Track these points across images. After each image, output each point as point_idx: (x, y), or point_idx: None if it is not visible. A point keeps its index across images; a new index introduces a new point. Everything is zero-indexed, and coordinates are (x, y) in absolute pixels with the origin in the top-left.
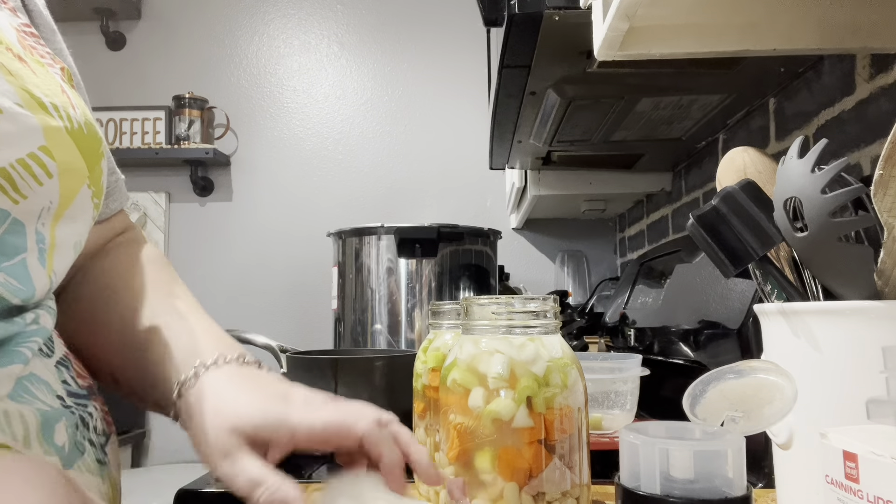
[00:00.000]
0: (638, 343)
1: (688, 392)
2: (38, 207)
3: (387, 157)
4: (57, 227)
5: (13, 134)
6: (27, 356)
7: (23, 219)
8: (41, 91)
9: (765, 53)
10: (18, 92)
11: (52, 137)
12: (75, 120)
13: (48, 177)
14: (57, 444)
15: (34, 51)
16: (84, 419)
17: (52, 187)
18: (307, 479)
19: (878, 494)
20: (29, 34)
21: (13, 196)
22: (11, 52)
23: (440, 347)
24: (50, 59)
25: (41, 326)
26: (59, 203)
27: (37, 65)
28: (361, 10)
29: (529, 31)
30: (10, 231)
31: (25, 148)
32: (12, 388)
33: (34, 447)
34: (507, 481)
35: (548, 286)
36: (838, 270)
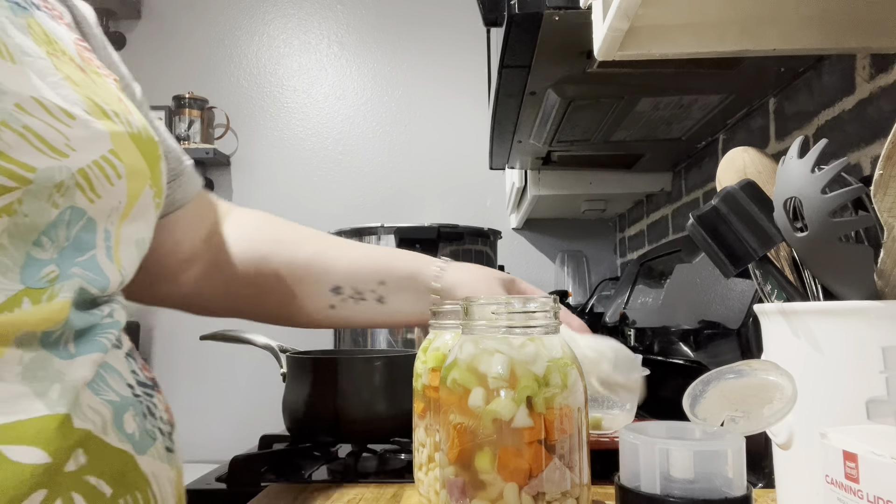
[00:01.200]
0: (638, 343)
1: (688, 392)
2: (109, 207)
3: (387, 156)
4: (122, 226)
5: (86, 139)
6: (106, 346)
7: (95, 217)
8: (102, 99)
9: (765, 53)
10: (85, 100)
11: (118, 142)
12: (135, 125)
13: (118, 178)
14: (128, 432)
15: (91, 62)
16: (150, 409)
17: (121, 188)
18: (307, 479)
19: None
20: (84, 48)
21: (90, 195)
22: (74, 62)
23: (440, 347)
24: (104, 70)
25: (115, 320)
26: (126, 203)
27: (95, 75)
28: (361, 10)
29: (529, 31)
30: (84, 229)
31: (98, 151)
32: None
33: (110, 434)
34: (507, 481)
35: (548, 286)
36: (838, 270)
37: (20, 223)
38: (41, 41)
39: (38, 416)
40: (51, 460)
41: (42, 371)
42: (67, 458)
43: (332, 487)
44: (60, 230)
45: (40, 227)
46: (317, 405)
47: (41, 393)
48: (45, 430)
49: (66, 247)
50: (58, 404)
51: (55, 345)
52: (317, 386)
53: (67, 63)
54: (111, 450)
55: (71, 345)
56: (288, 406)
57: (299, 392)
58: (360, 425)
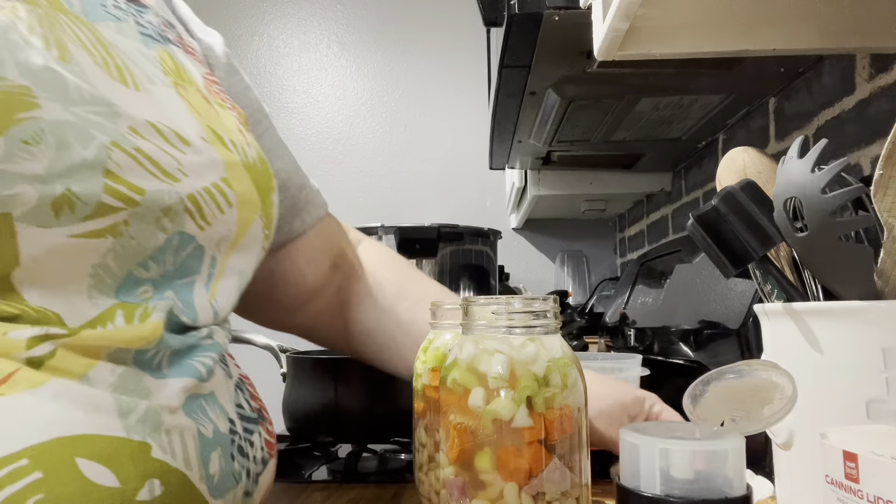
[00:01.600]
0: (638, 343)
1: (688, 392)
2: (219, 235)
3: (387, 156)
4: (229, 256)
5: (199, 165)
6: (201, 372)
7: (204, 244)
8: (222, 129)
9: (765, 53)
10: (204, 128)
11: (231, 170)
12: (250, 156)
13: (228, 206)
14: (210, 472)
15: (217, 95)
16: (242, 448)
17: (232, 217)
18: (307, 479)
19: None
20: (212, 81)
21: (199, 222)
22: (200, 93)
23: (440, 347)
24: (229, 104)
25: (215, 342)
26: (237, 232)
27: (219, 107)
28: (361, 10)
29: (529, 31)
30: (191, 255)
31: (210, 178)
32: (184, 402)
33: (193, 469)
34: (507, 481)
35: (548, 286)
36: (838, 270)
37: (127, 245)
38: (170, 72)
39: (115, 436)
40: (119, 486)
41: (132, 385)
42: (140, 486)
43: (332, 487)
44: (168, 255)
45: (147, 252)
46: (317, 405)
47: (124, 412)
48: (118, 454)
49: (170, 270)
50: (135, 430)
51: (148, 364)
52: (317, 386)
53: (193, 93)
54: (190, 487)
55: (165, 366)
56: (288, 406)
57: (299, 392)
58: (360, 425)
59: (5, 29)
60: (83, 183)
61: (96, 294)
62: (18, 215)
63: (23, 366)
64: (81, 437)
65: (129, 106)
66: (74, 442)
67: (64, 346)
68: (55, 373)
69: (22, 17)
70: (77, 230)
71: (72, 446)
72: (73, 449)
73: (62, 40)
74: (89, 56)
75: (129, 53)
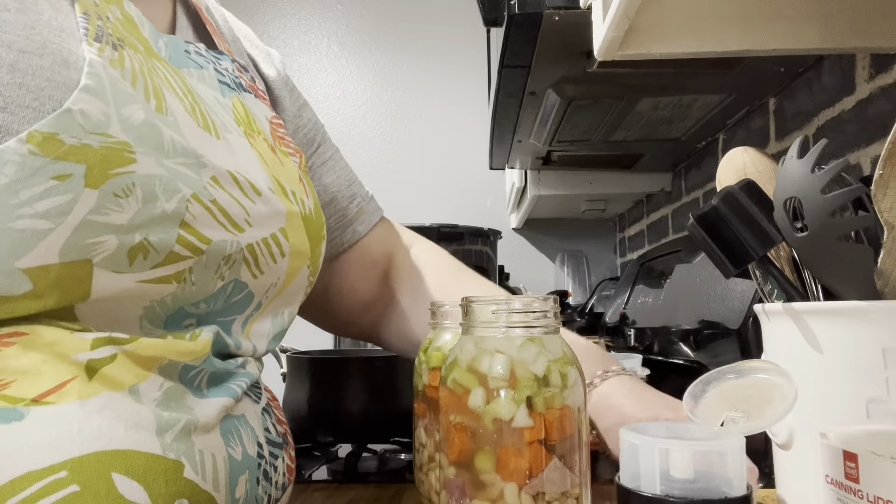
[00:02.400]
0: (638, 343)
1: (688, 392)
2: (268, 283)
3: (387, 156)
4: (274, 300)
5: (265, 215)
6: (237, 392)
7: (255, 291)
8: (285, 179)
9: (765, 53)
10: (271, 179)
11: (290, 220)
12: (308, 206)
13: (282, 256)
14: (235, 497)
15: (282, 141)
16: (267, 473)
17: (283, 266)
18: (307, 479)
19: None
20: (277, 125)
21: (254, 271)
22: (267, 143)
23: (440, 347)
24: (292, 149)
25: (248, 371)
26: (284, 280)
27: (283, 155)
28: (361, 10)
29: (529, 31)
30: (241, 301)
31: (270, 228)
32: (223, 421)
33: (221, 492)
34: (507, 481)
35: (548, 286)
36: (838, 270)
37: (187, 289)
38: (241, 121)
39: (152, 453)
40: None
41: (175, 402)
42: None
43: (332, 487)
44: (220, 299)
45: (203, 296)
46: (317, 405)
47: (162, 430)
48: (152, 471)
49: (216, 310)
50: (170, 448)
51: (191, 382)
52: (317, 386)
53: (261, 142)
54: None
55: (205, 386)
56: (288, 406)
57: (299, 392)
58: (360, 425)
59: (114, 82)
60: (160, 233)
61: (147, 324)
62: (97, 261)
63: (79, 373)
64: (120, 452)
65: (213, 155)
66: (113, 457)
67: (124, 352)
68: (105, 384)
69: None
70: (146, 276)
71: (110, 461)
72: (111, 464)
73: (159, 88)
74: (181, 104)
75: (208, 101)
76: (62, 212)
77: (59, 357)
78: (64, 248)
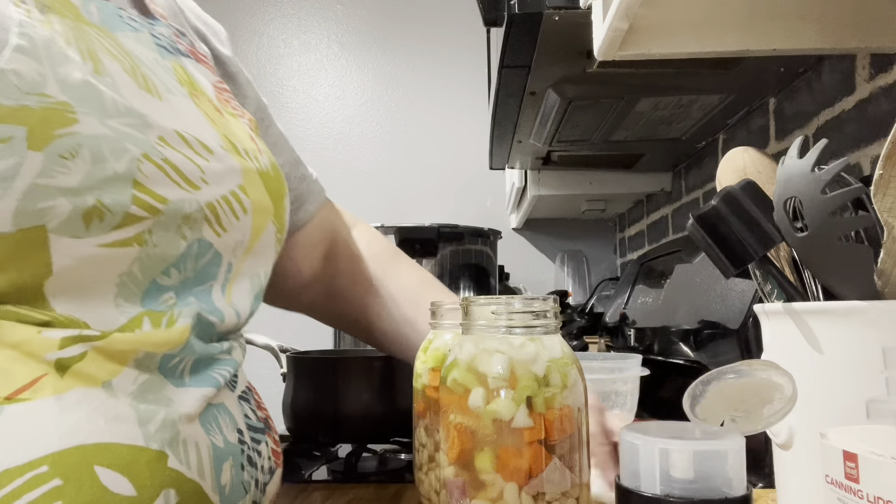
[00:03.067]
0: (638, 343)
1: (688, 392)
2: (234, 241)
3: (387, 156)
4: (244, 261)
5: (221, 172)
6: (220, 382)
7: (221, 251)
8: (236, 138)
9: (765, 53)
10: (220, 137)
11: (247, 178)
12: (263, 163)
13: (244, 213)
14: (221, 483)
15: (227, 104)
16: (251, 458)
17: (246, 223)
18: (307, 479)
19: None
20: (222, 89)
21: (217, 229)
22: (212, 104)
23: (440, 347)
24: (240, 111)
25: (232, 358)
26: (250, 238)
27: (230, 116)
28: (361, 10)
29: (529, 31)
30: (210, 262)
31: (228, 186)
32: (203, 411)
33: (207, 479)
34: (507, 481)
35: (548, 286)
36: (838, 270)
37: (151, 253)
38: (184, 82)
39: (135, 444)
40: (135, 494)
41: (152, 394)
42: (155, 495)
43: (332, 487)
44: (189, 262)
45: (170, 259)
46: (317, 405)
47: (143, 421)
48: (135, 463)
49: (189, 278)
50: (153, 439)
51: (172, 371)
52: (317, 386)
53: (206, 103)
54: (203, 497)
55: (187, 374)
56: (288, 406)
57: (299, 392)
58: (360, 425)
59: (46, 43)
60: (113, 194)
61: (123, 302)
62: (52, 227)
63: (50, 370)
64: (101, 445)
65: (158, 116)
66: (94, 450)
67: (95, 349)
68: (79, 379)
69: (58, 31)
70: (105, 240)
71: (92, 454)
72: (92, 457)
73: (94, 51)
74: (119, 65)
75: (148, 63)
76: (7, 176)
77: (29, 355)
78: (16, 215)
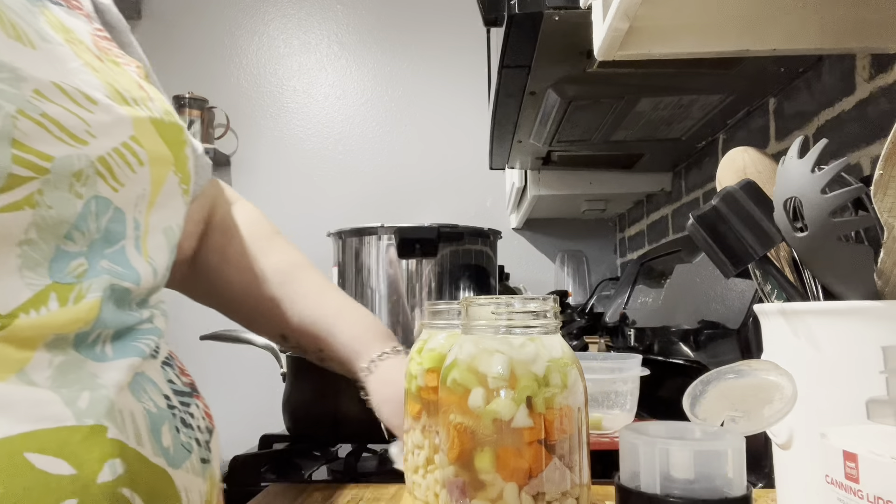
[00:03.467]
0: (638, 343)
1: (688, 392)
2: (134, 195)
3: (387, 156)
4: (150, 215)
5: (109, 124)
6: (145, 351)
7: (123, 207)
8: (122, 86)
9: (765, 53)
10: (105, 86)
11: (139, 127)
12: (156, 111)
13: (140, 165)
14: (164, 446)
15: (108, 52)
16: (186, 420)
17: (145, 175)
18: (307, 479)
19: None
20: (102, 37)
21: (112, 184)
22: (91, 52)
23: (435, 348)
24: (125, 59)
25: (155, 326)
26: (151, 191)
27: (113, 64)
28: (361, 10)
29: (529, 31)
30: (113, 220)
31: (119, 137)
32: (132, 380)
33: (146, 446)
34: (507, 481)
35: (548, 286)
36: (838, 270)
37: (46, 216)
38: (58, 29)
39: (64, 426)
40: (76, 472)
41: (73, 374)
42: (99, 468)
43: (332, 487)
44: (91, 222)
45: (69, 220)
46: (317, 405)
47: (70, 401)
48: (69, 443)
49: (96, 239)
50: (86, 414)
51: (91, 347)
52: (317, 386)
53: (85, 51)
54: (147, 463)
55: (108, 346)
56: (288, 406)
57: (299, 392)
58: (360, 425)
59: None
60: None
61: (28, 273)
62: None
63: None
64: (27, 434)
65: (32, 67)
66: (21, 440)
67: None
68: None
69: None
70: None
71: (18, 443)
72: (21, 446)
73: None
74: None
75: (16, 9)
76: None
77: None
78: None
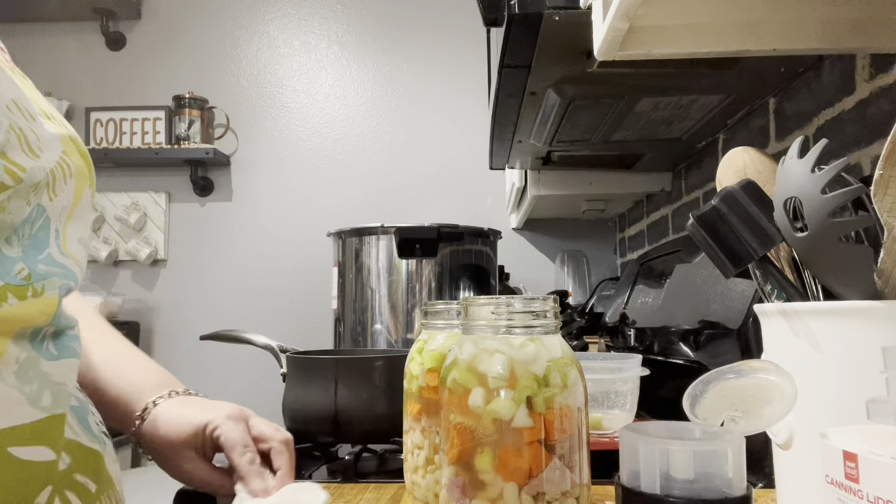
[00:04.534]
0: (638, 343)
1: (688, 392)
2: (60, 206)
3: (387, 156)
4: (68, 225)
5: (48, 140)
6: (79, 353)
7: (51, 216)
8: (40, 103)
9: (765, 53)
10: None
11: (64, 143)
12: (68, 128)
13: (70, 178)
14: (95, 433)
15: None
16: (94, 412)
17: (71, 188)
18: (307, 479)
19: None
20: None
21: (51, 194)
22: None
23: (435, 349)
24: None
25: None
26: (72, 203)
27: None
28: (361, 10)
29: (529, 31)
30: (41, 227)
31: (56, 152)
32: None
33: (81, 435)
34: (507, 481)
35: (548, 286)
36: (838, 270)
37: (5, 220)
38: None
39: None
40: (55, 457)
41: (32, 371)
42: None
43: (332, 487)
44: (26, 228)
45: (14, 225)
46: (317, 405)
47: (34, 399)
48: (49, 430)
49: (27, 245)
50: (55, 406)
51: (39, 345)
52: (317, 386)
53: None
54: (86, 450)
55: (51, 345)
56: (288, 406)
57: (299, 392)
58: (360, 425)
59: None
60: None
61: None
62: None
63: None
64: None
65: None
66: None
67: None
68: None
69: None
70: None
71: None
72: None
73: None
74: None
75: None
76: None
77: None
78: None
